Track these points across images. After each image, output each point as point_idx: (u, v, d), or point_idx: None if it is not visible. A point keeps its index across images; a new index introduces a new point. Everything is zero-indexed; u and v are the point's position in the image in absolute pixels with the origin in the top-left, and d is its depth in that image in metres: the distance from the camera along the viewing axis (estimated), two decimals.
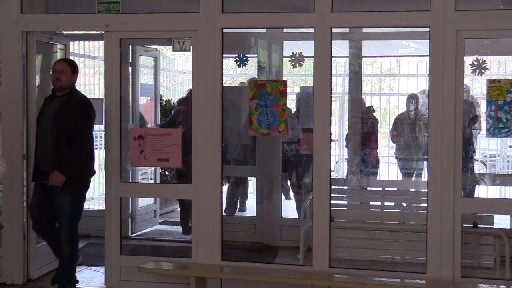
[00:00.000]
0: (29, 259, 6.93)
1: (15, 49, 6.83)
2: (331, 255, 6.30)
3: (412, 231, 6.93)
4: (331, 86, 6.37)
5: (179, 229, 8.90)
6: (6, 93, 6.88)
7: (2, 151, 6.92)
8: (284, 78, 8.77)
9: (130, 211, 8.41)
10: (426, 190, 6.17)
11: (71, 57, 8.28)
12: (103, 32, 6.78)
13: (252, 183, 10.07)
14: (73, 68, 6.56)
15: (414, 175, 9.38)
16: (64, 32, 7.54)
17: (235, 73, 12.35)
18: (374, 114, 9.70)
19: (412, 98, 9.65)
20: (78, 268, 7.22)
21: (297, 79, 12.21)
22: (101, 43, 10.34)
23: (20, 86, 6.85)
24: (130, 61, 8.69)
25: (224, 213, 6.97)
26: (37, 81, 7.29)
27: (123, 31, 6.73)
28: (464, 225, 6.19)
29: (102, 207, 8.43)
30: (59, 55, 7.91)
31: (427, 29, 6.07)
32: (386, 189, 7.88)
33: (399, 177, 9.89)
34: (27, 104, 6.92)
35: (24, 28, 6.83)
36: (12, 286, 6.81)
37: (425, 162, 7.47)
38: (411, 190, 8.23)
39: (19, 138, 6.81)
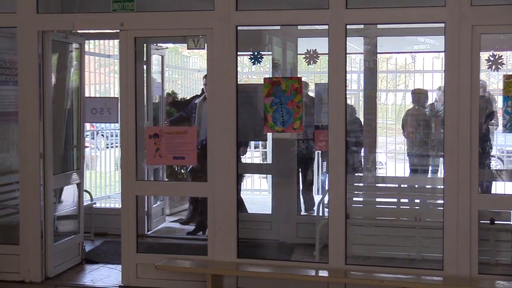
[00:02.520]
0: (47, 257, 6.97)
1: (31, 48, 6.87)
2: (347, 252, 6.29)
3: (428, 228, 6.91)
4: (346, 83, 6.35)
5: (188, 227, 8.94)
6: (22, 93, 6.92)
7: (19, 150, 6.99)
8: (298, 75, 8.75)
9: (146, 209, 8.42)
10: (442, 187, 6.15)
11: (86, 56, 8.34)
12: (118, 31, 6.80)
13: (267, 180, 10.11)
14: None
15: (429, 171, 9.34)
16: (80, 31, 7.55)
17: (250, 71, 12.35)
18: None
19: (417, 94, 9.60)
20: (94, 266, 7.30)
21: (312, 76, 12.18)
22: (116, 41, 10.40)
23: (36, 85, 6.88)
24: (145, 59, 8.71)
25: None
26: (53, 80, 7.33)
27: (138, 30, 6.75)
28: (481, 221, 6.15)
29: (118, 205, 8.49)
30: (74, 54, 7.95)
31: (442, 25, 6.05)
32: (402, 185, 7.84)
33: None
34: (43, 103, 6.95)
35: (40, 28, 6.86)
36: (30, 284, 6.85)
37: (441, 159, 7.44)
38: (427, 186, 8.19)
39: (36, 137, 6.85)
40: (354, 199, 7.29)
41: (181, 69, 13.36)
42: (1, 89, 7.66)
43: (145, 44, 8.68)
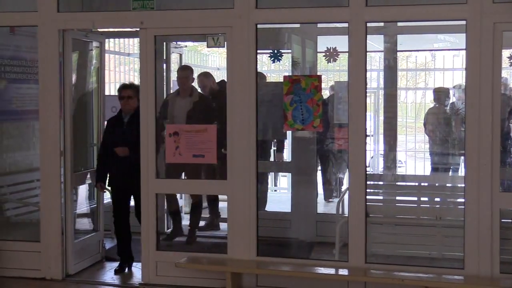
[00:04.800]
0: (67, 255, 7.01)
1: (52, 47, 6.91)
2: (367, 251, 6.27)
3: (449, 227, 6.86)
4: (366, 81, 6.33)
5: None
6: (43, 91, 6.96)
7: (39, 148, 7.03)
8: (318, 74, 8.72)
9: (165, 207, 8.42)
10: (463, 185, 6.11)
11: (106, 55, 8.37)
12: (138, 29, 6.82)
13: (287, 178, 10.08)
14: None
15: (450, 170, 9.28)
16: (100, 29, 7.58)
17: (269, 69, 12.33)
18: None
19: (439, 92, 9.55)
20: (115, 264, 7.32)
21: (331, 74, 12.16)
22: (136, 40, 10.43)
23: (57, 84, 6.92)
24: (164, 58, 8.72)
25: None
26: (73, 79, 7.37)
27: (158, 28, 6.76)
28: (502, 220, 6.10)
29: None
30: (94, 53, 7.98)
31: (463, 22, 6.00)
32: (422, 184, 7.80)
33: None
34: (63, 101, 6.98)
35: (60, 26, 6.90)
36: (51, 281, 6.89)
37: (462, 157, 7.39)
38: (447, 185, 8.13)
39: (56, 135, 6.88)
40: (374, 197, 7.25)
41: (201, 68, 13.36)
42: (22, 87, 7.72)
43: (164, 43, 8.68)
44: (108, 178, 7.36)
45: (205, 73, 8.63)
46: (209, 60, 13.52)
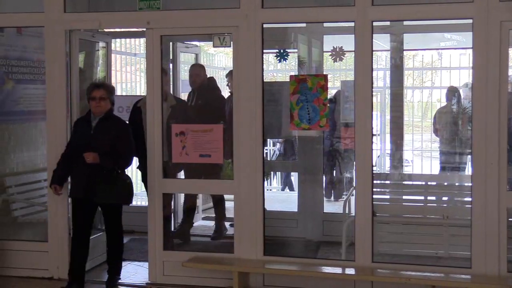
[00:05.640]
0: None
1: (59, 47, 6.92)
2: (373, 250, 6.27)
3: (456, 226, 6.85)
4: (372, 80, 6.33)
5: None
6: (50, 91, 6.97)
7: (46, 148, 7.04)
8: (324, 73, 8.72)
9: (173, 207, 8.43)
10: (470, 184, 6.10)
11: (113, 55, 8.39)
12: (144, 29, 6.83)
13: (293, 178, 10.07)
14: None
15: (457, 169, 9.26)
16: (106, 30, 7.60)
17: (275, 69, 12.33)
18: None
19: (452, 91, 9.53)
20: (122, 263, 7.31)
21: (337, 74, 12.15)
22: (142, 40, 10.45)
23: (63, 84, 6.93)
24: (171, 57, 8.73)
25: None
26: (80, 79, 7.38)
27: (164, 28, 6.77)
28: (510, 219, 6.08)
29: (145, 203, 8.52)
30: (101, 53, 8.00)
31: (470, 21, 5.99)
32: (429, 183, 7.79)
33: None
34: (70, 101, 6.99)
35: (67, 27, 6.91)
36: (59, 281, 6.90)
37: (469, 156, 7.37)
38: (455, 184, 8.12)
39: (63, 135, 6.89)
40: (381, 196, 7.24)
41: (207, 68, 13.36)
42: (29, 87, 7.75)
43: (171, 43, 8.69)
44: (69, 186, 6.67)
45: (200, 64, 8.60)
46: (216, 59, 13.52)
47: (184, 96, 8.79)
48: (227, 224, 8.43)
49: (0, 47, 7.40)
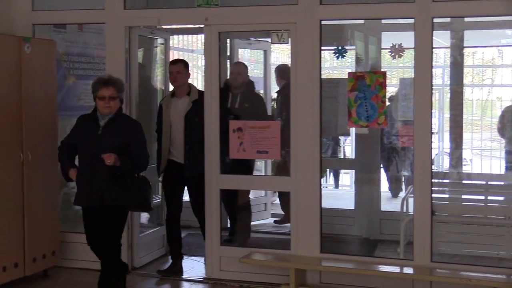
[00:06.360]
0: (133, 248, 7.11)
1: (119, 43, 7.02)
2: (432, 250, 6.18)
3: None
4: (432, 77, 6.24)
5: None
6: None
7: None
8: (382, 70, 8.64)
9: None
10: None
11: (170, 51, 8.46)
12: (202, 26, 6.87)
13: (349, 175, 10.01)
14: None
15: None
16: (165, 26, 7.67)
17: (331, 66, 12.27)
18: None
19: None
20: None
21: (394, 71, 12.02)
22: (199, 36, 10.52)
23: (123, 79, 6.98)
24: (228, 54, 8.76)
25: None
26: (139, 75, 7.47)
27: (222, 25, 6.80)
28: None
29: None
30: (159, 49, 8.07)
31: None
32: (490, 182, 7.63)
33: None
34: (129, 97, 7.08)
35: (127, 24, 7.01)
36: None
37: None
38: None
39: None
40: (439, 195, 7.13)
41: (262, 64, 13.36)
42: (89, 83, 7.83)
43: (228, 39, 8.72)
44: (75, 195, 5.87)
45: (243, 63, 8.35)
46: (272, 56, 13.51)
47: None
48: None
49: (62, 43, 7.52)
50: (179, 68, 6.99)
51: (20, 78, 6.44)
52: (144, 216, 7.73)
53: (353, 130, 8.78)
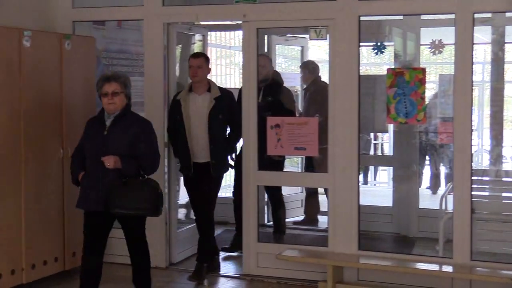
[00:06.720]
0: (171, 244, 7.15)
1: (157, 40, 7.05)
2: (472, 248, 6.11)
3: None
4: (472, 74, 6.16)
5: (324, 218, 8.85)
6: (148, 83, 7.13)
7: None
8: (421, 66, 8.57)
9: (266, 199, 8.47)
10: None
11: (208, 48, 8.47)
12: (239, 22, 6.87)
13: (387, 172, 9.93)
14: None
15: None
16: (202, 23, 7.69)
17: (368, 62, 12.19)
18: None
19: None
20: None
21: (432, 67, 11.90)
22: (237, 33, 10.52)
23: (161, 76, 7.06)
24: (266, 50, 8.75)
25: None
26: (177, 72, 7.51)
27: (260, 21, 6.79)
28: None
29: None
30: (197, 46, 8.09)
31: None
32: None
33: None
34: (168, 94, 7.11)
35: (166, 20, 7.04)
36: (156, 269, 7.00)
37: None
38: None
39: (161, 127, 6.99)
40: (479, 193, 7.05)
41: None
42: None
43: (265, 36, 8.71)
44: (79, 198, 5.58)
45: (267, 56, 8.13)
46: (308, 53, 13.48)
47: None
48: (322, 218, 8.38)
49: (101, 40, 7.59)
50: (200, 62, 6.61)
51: (61, 74, 6.52)
52: (181, 212, 7.77)
53: (391, 127, 8.74)
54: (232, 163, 7.35)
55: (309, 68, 8.49)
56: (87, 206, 5.47)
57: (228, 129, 6.85)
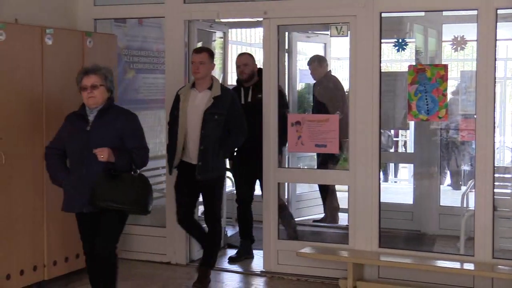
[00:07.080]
0: (191, 241, 7.14)
1: (178, 37, 7.07)
2: (494, 246, 6.07)
3: None
4: (495, 70, 6.12)
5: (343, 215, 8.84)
6: (169, 81, 7.14)
7: (165, 137, 7.20)
8: (443, 63, 8.52)
9: (286, 197, 8.48)
10: None
11: (229, 45, 8.47)
12: (260, 19, 6.87)
13: (408, 169, 9.87)
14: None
15: None
16: (223, 20, 7.69)
17: (388, 58, 12.13)
18: None
19: None
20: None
21: (454, 64, 11.82)
22: (257, 30, 10.52)
23: (182, 73, 7.07)
24: (286, 47, 8.73)
25: None
26: None
27: (281, 18, 6.78)
28: None
29: (258, 191, 8.58)
30: (217, 43, 8.10)
31: None
32: None
33: None
34: None
35: (187, 17, 7.05)
36: (176, 266, 7.08)
37: None
38: None
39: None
40: (501, 190, 7.00)
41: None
42: (148, 77, 7.96)
43: (286, 32, 8.69)
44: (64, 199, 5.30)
45: (248, 54, 7.73)
46: (328, 49, 13.44)
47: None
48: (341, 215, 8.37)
49: (123, 37, 7.62)
50: (202, 58, 6.17)
51: None
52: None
53: (412, 124, 8.70)
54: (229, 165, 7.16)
55: (319, 62, 8.43)
56: (71, 208, 5.25)
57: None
